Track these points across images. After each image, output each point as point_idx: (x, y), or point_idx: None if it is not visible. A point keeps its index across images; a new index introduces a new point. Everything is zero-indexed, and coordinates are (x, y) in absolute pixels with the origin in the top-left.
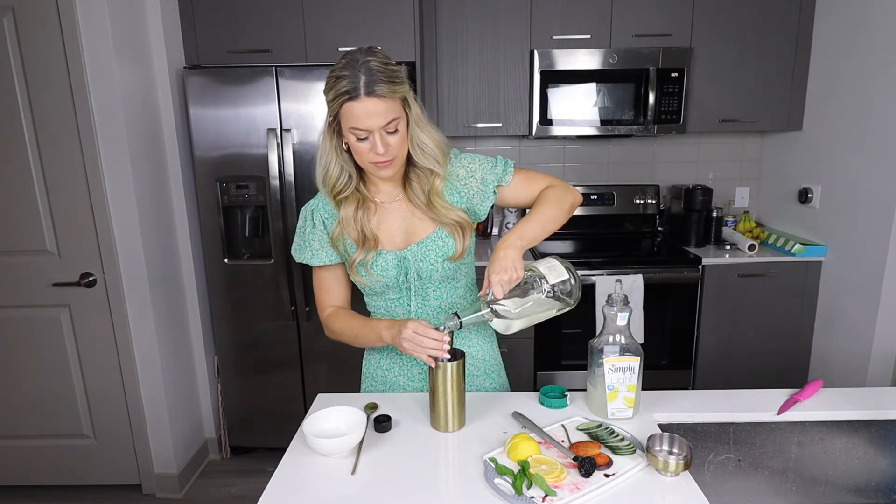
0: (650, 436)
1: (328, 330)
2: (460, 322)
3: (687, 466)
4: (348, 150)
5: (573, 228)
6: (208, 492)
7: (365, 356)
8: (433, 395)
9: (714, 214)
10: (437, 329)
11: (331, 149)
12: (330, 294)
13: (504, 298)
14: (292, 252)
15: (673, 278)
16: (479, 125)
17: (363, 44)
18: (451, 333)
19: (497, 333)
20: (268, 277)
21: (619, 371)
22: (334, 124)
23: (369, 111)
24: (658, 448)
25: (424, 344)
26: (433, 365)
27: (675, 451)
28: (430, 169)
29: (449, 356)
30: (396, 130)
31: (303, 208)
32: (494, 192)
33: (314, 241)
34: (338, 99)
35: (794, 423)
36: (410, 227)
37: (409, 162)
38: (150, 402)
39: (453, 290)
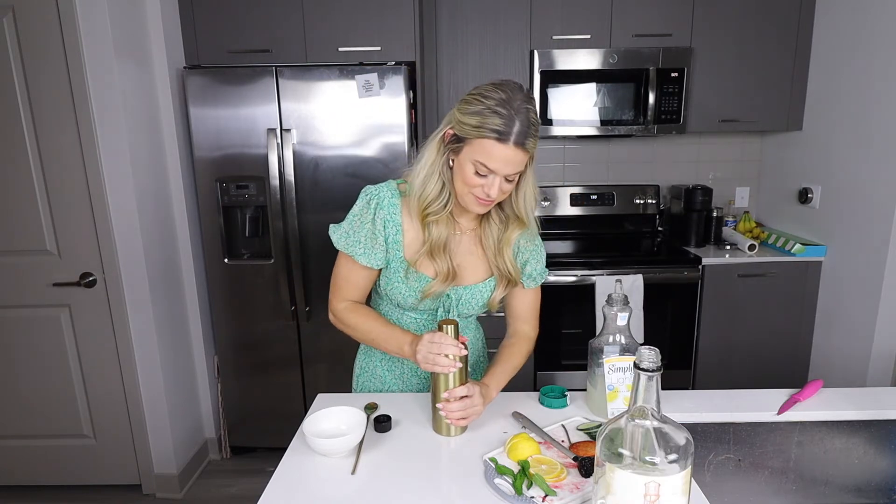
0: None
1: (340, 320)
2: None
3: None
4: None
5: (573, 228)
6: (208, 492)
7: (357, 357)
8: (435, 400)
9: (714, 214)
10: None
11: (437, 161)
12: (357, 289)
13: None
14: (334, 234)
15: (673, 278)
16: None
17: (363, 44)
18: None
19: (482, 328)
20: (268, 277)
21: (619, 371)
22: (452, 141)
23: (508, 159)
24: None
25: (442, 350)
26: (449, 371)
27: None
28: (517, 217)
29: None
30: (514, 180)
31: (366, 192)
32: (524, 285)
33: (367, 239)
34: (483, 131)
35: (794, 423)
36: (464, 263)
37: (498, 204)
38: (150, 402)
39: (467, 321)
